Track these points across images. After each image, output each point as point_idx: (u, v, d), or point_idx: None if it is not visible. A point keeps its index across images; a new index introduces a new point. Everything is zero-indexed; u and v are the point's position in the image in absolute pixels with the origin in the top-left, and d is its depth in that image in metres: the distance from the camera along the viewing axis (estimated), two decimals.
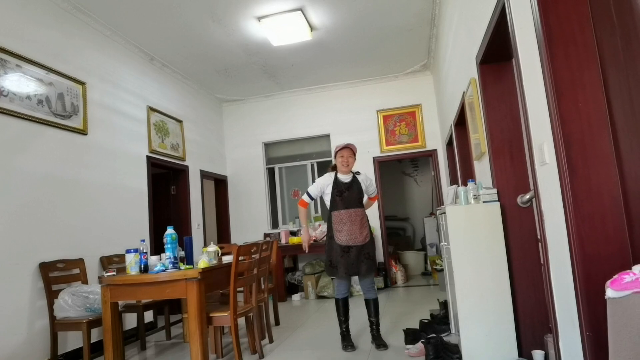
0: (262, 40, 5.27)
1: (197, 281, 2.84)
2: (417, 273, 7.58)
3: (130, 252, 3.06)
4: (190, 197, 6.12)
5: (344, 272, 3.40)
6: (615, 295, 0.88)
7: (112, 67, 4.75)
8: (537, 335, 2.65)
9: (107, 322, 3.00)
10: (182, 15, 4.58)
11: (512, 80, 2.83)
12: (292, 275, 6.62)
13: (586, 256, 1.61)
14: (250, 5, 4.50)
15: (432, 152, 6.83)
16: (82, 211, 4.04)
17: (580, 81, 1.65)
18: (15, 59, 3.50)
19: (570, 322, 1.79)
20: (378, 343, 3.40)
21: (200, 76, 6.37)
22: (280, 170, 7.45)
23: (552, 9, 1.70)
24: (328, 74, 6.68)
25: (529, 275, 2.69)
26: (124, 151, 4.79)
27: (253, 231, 7.13)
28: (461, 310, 2.71)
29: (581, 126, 1.63)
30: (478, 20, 2.82)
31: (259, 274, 3.45)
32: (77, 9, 4.20)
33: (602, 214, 1.60)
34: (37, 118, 3.64)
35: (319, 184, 3.63)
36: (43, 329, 3.47)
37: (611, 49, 1.57)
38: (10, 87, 3.43)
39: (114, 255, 4.31)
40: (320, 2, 4.57)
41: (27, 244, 3.43)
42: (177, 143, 5.92)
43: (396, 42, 5.73)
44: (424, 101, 6.87)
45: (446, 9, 4.26)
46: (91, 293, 3.48)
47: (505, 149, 2.84)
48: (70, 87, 4.05)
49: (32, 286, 3.43)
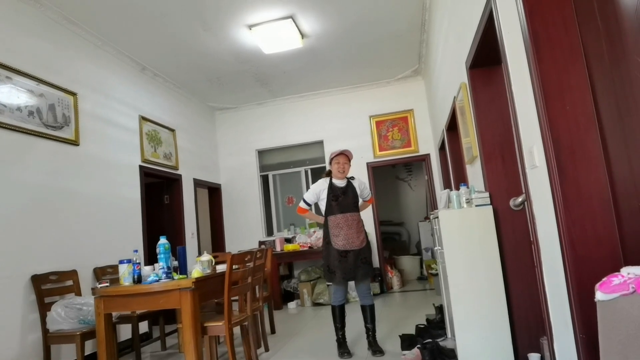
0: (253, 48, 5.28)
1: (191, 291, 2.82)
2: (413, 278, 7.57)
3: (123, 263, 3.04)
4: (183, 206, 6.09)
5: (342, 277, 3.40)
6: (604, 298, 0.89)
7: (103, 78, 4.74)
8: (532, 338, 2.65)
9: (101, 334, 2.97)
10: (173, 24, 4.58)
11: (501, 84, 2.85)
12: (287, 282, 6.59)
13: (577, 258, 1.61)
14: (241, 13, 4.52)
15: (425, 156, 6.86)
16: (74, 222, 4.01)
17: (568, 84, 1.66)
18: (5, 70, 3.48)
19: (564, 324, 1.79)
20: (374, 349, 3.38)
21: (193, 85, 6.37)
22: (274, 177, 7.44)
23: (537, 13, 1.72)
24: (320, 80, 6.70)
25: (523, 278, 2.69)
26: (117, 161, 4.77)
27: (248, 239, 7.09)
28: (456, 314, 2.71)
29: (569, 129, 1.64)
30: (467, 26, 2.84)
31: (253, 282, 3.44)
32: (68, 19, 4.19)
33: (593, 216, 1.61)
34: (29, 130, 3.61)
35: (313, 190, 3.64)
36: (35, 343, 3.42)
37: (597, 51, 1.58)
38: (1, 99, 3.41)
39: (108, 266, 4.27)
40: (311, 10, 4.60)
41: (18, 256, 3.40)
42: (170, 152, 5.91)
43: (387, 48, 5.77)
44: (415, 106, 6.90)
45: (436, 15, 4.29)
46: (85, 305, 3.45)
47: (496, 153, 2.86)
48: (62, 98, 4.04)
49: (24, 299, 3.39)
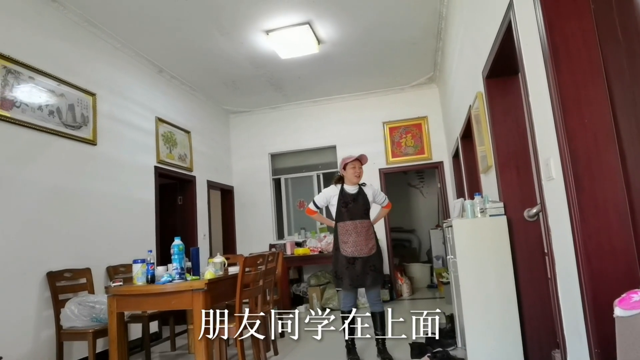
0: (269, 53, 5.33)
1: (204, 292, 2.84)
2: (422, 285, 7.52)
3: (137, 263, 3.07)
4: (196, 207, 6.15)
5: (349, 284, 3.40)
6: (624, 314, 0.89)
7: (121, 79, 4.82)
8: (544, 351, 2.63)
9: (113, 333, 3.00)
10: (190, 28, 4.65)
11: (518, 95, 2.84)
12: (297, 286, 6.60)
13: (594, 272, 1.60)
14: (258, 19, 4.57)
15: (438, 164, 6.83)
16: (89, 221, 4.08)
17: (586, 97, 1.66)
18: (28, 70, 3.56)
19: (578, 338, 1.78)
20: (384, 357, 3.37)
21: (208, 88, 6.44)
22: (286, 181, 7.47)
23: (557, 26, 1.72)
24: (334, 86, 6.72)
25: (535, 289, 2.67)
26: (132, 162, 4.84)
27: (259, 242, 7.12)
28: (468, 324, 2.70)
29: (587, 142, 1.64)
30: (484, 35, 2.84)
31: (264, 285, 3.45)
32: (89, 22, 4.27)
33: (609, 229, 1.60)
34: (48, 129, 3.69)
35: (324, 194, 3.65)
36: (49, 339, 3.48)
37: (617, 65, 1.58)
38: (23, 98, 3.49)
39: (120, 265, 4.33)
40: (328, 16, 4.63)
41: (35, 253, 3.46)
42: (184, 154, 5.97)
43: (402, 55, 5.77)
44: (430, 113, 6.89)
45: (452, 24, 4.29)
46: (97, 303, 3.49)
47: (511, 163, 2.84)
48: (81, 98, 4.11)
49: (39, 295, 3.45)
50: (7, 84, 3.37)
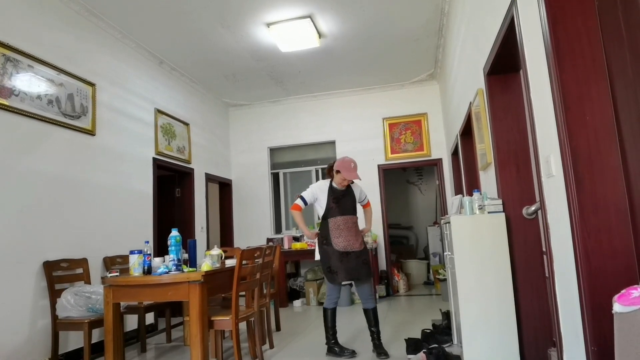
0: (270, 46, 5.30)
1: (200, 284, 2.84)
2: (419, 282, 7.54)
3: (134, 253, 3.07)
4: (194, 200, 6.14)
5: (344, 277, 3.42)
6: (623, 310, 0.88)
7: (121, 70, 4.79)
8: (540, 349, 2.63)
9: (109, 323, 3.00)
10: (193, 20, 4.62)
11: (519, 92, 2.84)
12: (293, 281, 6.61)
13: (592, 270, 1.60)
14: (260, 12, 4.54)
15: (437, 161, 6.83)
16: (87, 211, 4.06)
17: (588, 95, 1.65)
18: (27, 59, 3.53)
19: (575, 336, 1.78)
20: (379, 352, 3.38)
21: (208, 80, 6.41)
22: (285, 175, 7.46)
23: (561, 23, 1.71)
24: (335, 81, 6.70)
25: (533, 287, 2.67)
26: (131, 152, 4.82)
27: (256, 236, 7.13)
28: (464, 321, 2.70)
29: (588, 139, 1.63)
30: (486, 32, 2.83)
31: (261, 278, 3.45)
32: (90, 12, 4.24)
33: (609, 227, 1.60)
34: (47, 118, 3.67)
35: (313, 190, 3.62)
36: (44, 328, 3.47)
37: (620, 63, 1.57)
38: (22, 86, 3.46)
39: (117, 255, 4.32)
40: (330, 10, 4.60)
41: (32, 243, 3.45)
42: (183, 146, 5.95)
43: (403, 51, 5.75)
44: (429, 110, 6.88)
45: (454, 20, 4.28)
46: (93, 293, 3.49)
47: (511, 160, 2.84)
48: (80, 88, 4.09)
49: (35, 285, 3.44)
50: (6, 72, 3.35)
